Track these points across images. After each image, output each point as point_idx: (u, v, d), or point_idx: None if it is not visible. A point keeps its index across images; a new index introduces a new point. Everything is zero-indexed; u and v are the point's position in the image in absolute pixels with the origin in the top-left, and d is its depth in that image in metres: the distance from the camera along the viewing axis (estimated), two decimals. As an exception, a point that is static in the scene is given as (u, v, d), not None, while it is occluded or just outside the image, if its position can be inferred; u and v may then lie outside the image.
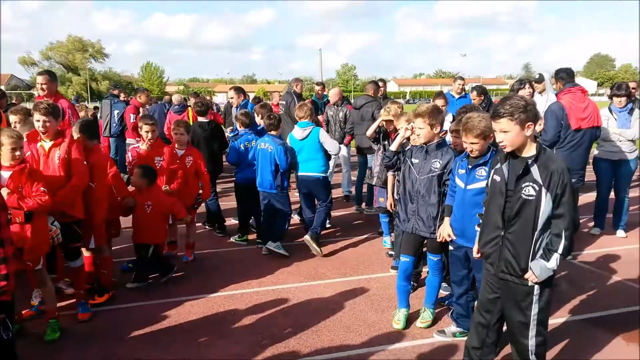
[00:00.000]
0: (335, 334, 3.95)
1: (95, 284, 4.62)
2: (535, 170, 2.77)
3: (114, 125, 9.91)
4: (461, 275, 3.77)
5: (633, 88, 7.35)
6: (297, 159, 5.95)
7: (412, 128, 4.02)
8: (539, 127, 5.60)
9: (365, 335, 3.94)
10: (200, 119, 6.83)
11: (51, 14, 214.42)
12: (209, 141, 6.54)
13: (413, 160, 3.98)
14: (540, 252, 2.80)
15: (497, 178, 2.95)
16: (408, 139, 4.27)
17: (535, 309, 2.85)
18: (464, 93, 8.42)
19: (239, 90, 8.70)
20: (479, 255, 3.15)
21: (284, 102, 9.25)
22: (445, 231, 3.67)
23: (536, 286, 2.83)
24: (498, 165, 2.96)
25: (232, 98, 8.64)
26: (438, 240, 3.78)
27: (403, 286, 4.12)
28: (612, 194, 6.58)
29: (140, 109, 8.97)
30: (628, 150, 6.31)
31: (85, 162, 4.07)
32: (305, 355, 3.65)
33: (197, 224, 6.21)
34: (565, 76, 5.81)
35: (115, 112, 9.90)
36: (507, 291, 2.95)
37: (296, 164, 5.98)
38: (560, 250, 2.74)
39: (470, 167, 3.50)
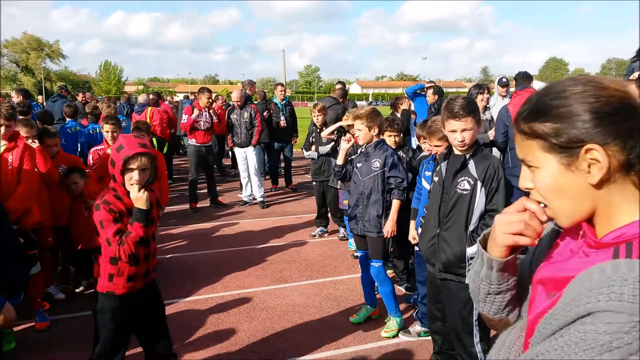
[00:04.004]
0: (302, 337, 3.94)
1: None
2: (472, 165, 2.82)
3: None
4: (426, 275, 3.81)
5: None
6: None
7: (350, 138, 4.12)
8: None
9: (332, 337, 3.94)
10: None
11: (5, 11, 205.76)
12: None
13: (358, 165, 4.03)
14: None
15: (436, 178, 3.01)
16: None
17: (476, 314, 2.84)
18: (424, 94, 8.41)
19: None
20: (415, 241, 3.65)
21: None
22: (410, 233, 3.72)
23: None
24: (438, 168, 3.02)
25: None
26: (385, 236, 3.82)
27: (364, 278, 4.19)
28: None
29: (196, 111, 7.78)
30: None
31: (35, 170, 3.95)
32: (273, 359, 3.63)
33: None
34: (519, 79, 6.08)
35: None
36: (449, 295, 2.95)
37: None
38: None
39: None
